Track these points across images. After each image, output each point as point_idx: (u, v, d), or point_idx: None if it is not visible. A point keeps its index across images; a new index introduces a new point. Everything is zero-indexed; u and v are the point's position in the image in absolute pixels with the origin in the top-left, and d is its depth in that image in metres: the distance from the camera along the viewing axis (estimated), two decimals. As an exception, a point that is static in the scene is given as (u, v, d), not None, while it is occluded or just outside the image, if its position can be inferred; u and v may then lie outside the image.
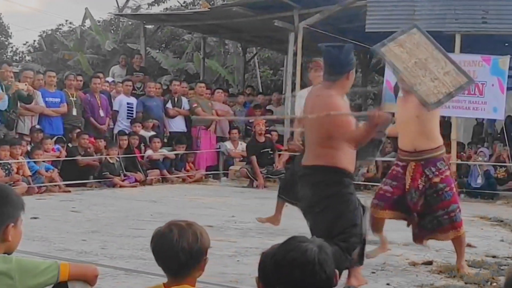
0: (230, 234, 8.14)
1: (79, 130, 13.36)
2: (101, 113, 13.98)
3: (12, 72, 13.00)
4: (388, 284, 5.84)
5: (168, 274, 2.91)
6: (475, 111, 14.14)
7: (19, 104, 12.50)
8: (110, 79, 16.35)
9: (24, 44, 32.57)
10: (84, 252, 6.68)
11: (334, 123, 5.08)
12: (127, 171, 13.38)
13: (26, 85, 12.51)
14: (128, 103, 14.80)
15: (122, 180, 13.06)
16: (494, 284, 5.86)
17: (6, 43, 33.68)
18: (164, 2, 28.78)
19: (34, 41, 31.39)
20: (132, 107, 14.80)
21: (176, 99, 15.36)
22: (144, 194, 12.07)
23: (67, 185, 12.10)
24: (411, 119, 6.19)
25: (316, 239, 2.73)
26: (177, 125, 15.34)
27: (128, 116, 14.68)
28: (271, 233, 8.13)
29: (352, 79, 5.39)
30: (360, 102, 21.05)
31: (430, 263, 6.64)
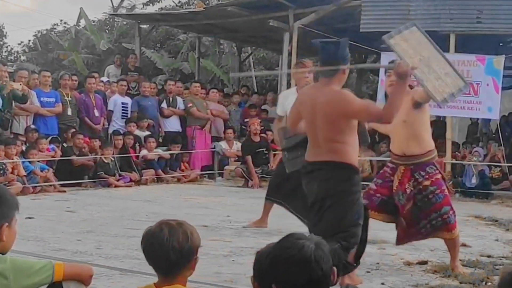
0: (225, 234, 8.13)
1: (74, 130, 13.33)
2: (96, 113, 13.96)
3: (7, 72, 12.98)
4: (383, 284, 5.84)
5: (159, 274, 2.91)
6: (470, 111, 14.18)
7: (14, 104, 12.48)
8: (105, 79, 16.34)
9: (19, 44, 32.48)
10: (79, 252, 6.67)
11: (355, 110, 5.14)
12: (122, 171, 13.37)
13: (21, 85, 12.48)
14: (123, 103, 14.78)
15: (117, 180, 13.05)
16: (489, 284, 5.87)
17: (1, 43, 33.58)
18: (159, 2, 28.73)
19: (29, 41, 31.29)
20: (127, 107, 14.78)
21: (171, 99, 15.35)
22: (139, 194, 12.05)
23: (62, 185, 12.09)
24: (399, 124, 6.16)
25: (314, 237, 2.73)
26: (172, 125, 15.32)
27: (123, 116, 14.66)
28: (266, 233, 8.13)
29: (347, 74, 5.44)
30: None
31: (425, 263, 6.65)
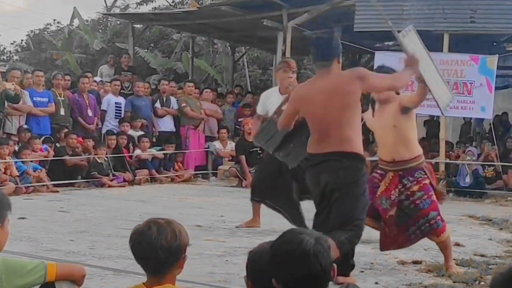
0: (219, 234, 8.12)
1: (67, 130, 13.30)
2: (89, 113, 13.93)
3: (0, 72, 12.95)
4: (377, 283, 5.84)
5: (148, 272, 2.89)
6: (464, 111, 14.20)
7: (6, 104, 12.44)
8: (98, 79, 16.31)
9: (12, 44, 32.37)
10: (72, 252, 6.64)
11: (371, 78, 5.37)
12: (116, 171, 13.34)
13: (14, 85, 12.44)
14: (116, 103, 14.75)
15: (111, 180, 13.02)
16: (482, 283, 5.87)
17: (-6, 43, 33.49)
18: (153, 2, 28.66)
19: (22, 41, 31.20)
20: (120, 107, 14.76)
21: (165, 99, 15.33)
22: (133, 194, 12.03)
23: (55, 185, 12.05)
24: (388, 129, 6.16)
25: (314, 232, 2.73)
26: (166, 125, 15.30)
27: (116, 116, 14.63)
28: (260, 233, 8.12)
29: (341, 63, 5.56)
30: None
31: (419, 262, 6.65)
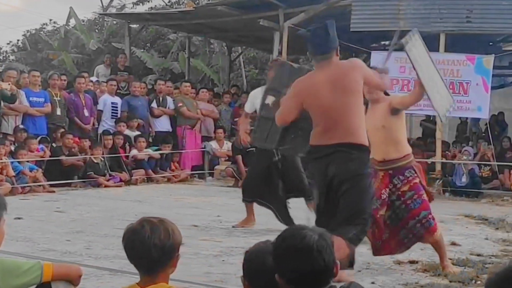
0: (216, 234, 8.13)
1: (63, 130, 13.29)
2: (86, 113, 13.92)
3: (-5, 72, 12.95)
4: (373, 283, 5.84)
5: (141, 272, 2.88)
6: (460, 110, 14.23)
7: (3, 104, 12.42)
8: (94, 79, 16.30)
9: (8, 44, 32.31)
10: (69, 253, 6.64)
11: (369, 79, 5.44)
12: (112, 171, 13.33)
13: (10, 85, 12.43)
14: (113, 103, 14.74)
15: (107, 180, 13.01)
16: (479, 282, 5.88)
17: (-10, 43, 33.48)
18: (149, 2, 28.61)
19: (18, 41, 31.17)
20: (117, 107, 14.74)
21: (161, 99, 15.33)
22: (129, 194, 12.02)
23: (52, 185, 12.04)
24: (378, 129, 6.19)
25: (317, 228, 2.74)
26: (162, 125, 15.30)
27: (113, 116, 14.62)
28: (256, 233, 8.12)
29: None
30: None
31: (415, 262, 6.65)
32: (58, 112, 13.46)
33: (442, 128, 14.78)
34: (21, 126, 12.65)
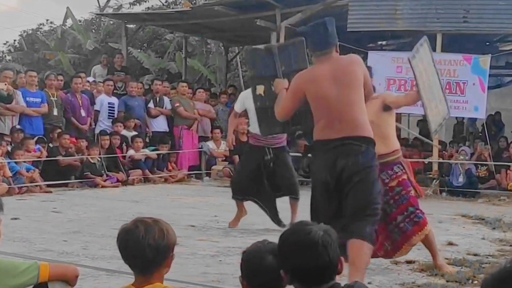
0: (213, 234, 8.13)
1: (60, 130, 13.28)
2: (83, 113, 13.90)
3: (-8, 72, 12.93)
4: (370, 283, 5.83)
5: (135, 272, 2.87)
6: (457, 110, 14.24)
7: (-1, 104, 12.43)
8: (91, 79, 16.28)
9: (5, 44, 32.21)
10: (66, 253, 6.64)
11: (366, 81, 5.40)
12: (109, 171, 13.33)
13: (6, 85, 12.42)
14: (110, 103, 14.74)
15: (104, 180, 13.00)
16: (475, 282, 5.88)
17: (-14, 43, 33.37)
18: (146, 2, 28.57)
19: (15, 41, 31.08)
20: (114, 107, 14.74)
21: (158, 99, 15.32)
22: (126, 194, 12.02)
23: (48, 186, 12.03)
24: None
25: (322, 224, 2.75)
26: (159, 125, 15.29)
27: (110, 116, 14.61)
28: (254, 233, 8.12)
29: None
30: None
31: (412, 262, 6.66)
32: (55, 113, 13.44)
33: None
34: (18, 127, 12.64)
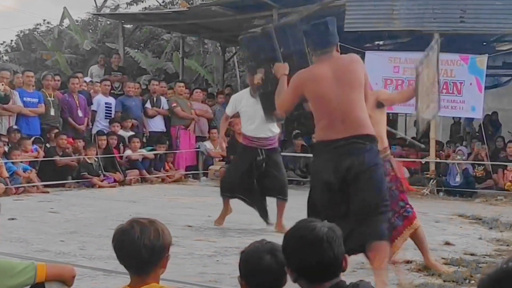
0: (210, 234, 8.12)
1: (57, 131, 13.27)
2: (80, 113, 13.89)
3: (-11, 73, 12.92)
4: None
5: (131, 273, 2.87)
6: (454, 110, 14.26)
7: (-4, 104, 12.42)
8: (88, 79, 16.27)
9: (1, 44, 32.21)
10: (63, 253, 6.63)
11: (366, 78, 5.39)
12: (106, 171, 13.32)
13: (3, 85, 12.41)
14: (107, 103, 14.73)
15: (101, 181, 12.99)
16: (472, 282, 5.89)
17: (-17, 43, 33.31)
18: (143, 2, 28.57)
19: (12, 41, 31.06)
20: (111, 107, 14.73)
21: (155, 99, 15.32)
22: (123, 195, 12.01)
23: (45, 186, 12.02)
24: None
25: (326, 222, 2.75)
26: (156, 125, 15.30)
27: (107, 116, 14.61)
28: (251, 233, 8.12)
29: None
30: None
31: (410, 262, 6.66)
32: (52, 113, 13.44)
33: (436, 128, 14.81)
34: (15, 127, 12.63)
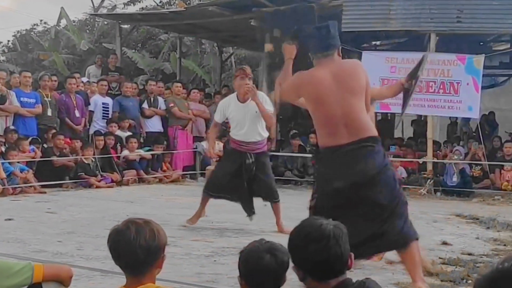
0: (207, 234, 8.12)
1: (55, 131, 13.26)
2: (77, 114, 13.88)
3: (-15, 73, 12.92)
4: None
5: (127, 273, 2.87)
6: (451, 110, 14.27)
7: (-7, 105, 12.41)
8: (85, 79, 16.26)
9: (-2, 44, 32.23)
10: (60, 253, 6.62)
11: (367, 83, 5.35)
12: (103, 172, 13.31)
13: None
14: (104, 103, 14.72)
15: (99, 181, 12.99)
16: (470, 282, 5.89)
17: (-20, 44, 33.28)
18: (140, 2, 28.57)
19: (8, 41, 31.05)
20: (108, 107, 14.73)
21: (152, 99, 15.32)
22: (121, 195, 12.01)
23: (43, 186, 12.01)
24: None
25: (331, 220, 2.76)
26: (154, 125, 15.29)
27: (104, 116, 14.60)
28: (248, 233, 8.12)
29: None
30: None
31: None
32: (49, 113, 13.43)
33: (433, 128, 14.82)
34: (12, 127, 12.62)
